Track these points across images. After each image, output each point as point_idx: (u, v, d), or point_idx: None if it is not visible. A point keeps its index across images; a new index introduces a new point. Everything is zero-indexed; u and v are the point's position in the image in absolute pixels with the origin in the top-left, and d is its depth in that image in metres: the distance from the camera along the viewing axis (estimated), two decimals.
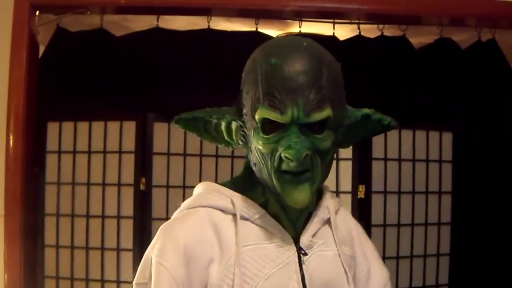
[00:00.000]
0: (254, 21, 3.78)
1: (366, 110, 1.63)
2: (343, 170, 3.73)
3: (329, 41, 3.82)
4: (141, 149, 3.75)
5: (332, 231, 1.67)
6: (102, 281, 3.71)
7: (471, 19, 3.62)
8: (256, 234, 1.59)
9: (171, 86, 3.79)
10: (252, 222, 1.60)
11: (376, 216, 3.75)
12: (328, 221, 1.69)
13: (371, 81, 3.78)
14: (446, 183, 3.95)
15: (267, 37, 3.77)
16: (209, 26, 3.76)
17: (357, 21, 3.86)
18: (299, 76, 1.47)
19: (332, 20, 3.85)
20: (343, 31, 3.98)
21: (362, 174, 3.74)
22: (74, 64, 3.75)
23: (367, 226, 3.57)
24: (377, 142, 3.74)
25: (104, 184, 3.76)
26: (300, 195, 1.51)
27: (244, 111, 1.57)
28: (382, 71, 3.86)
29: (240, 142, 1.63)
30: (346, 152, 3.69)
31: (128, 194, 3.73)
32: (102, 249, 3.72)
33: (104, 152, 3.77)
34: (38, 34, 3.30)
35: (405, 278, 3.82)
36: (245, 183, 1.66)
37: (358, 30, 3.92)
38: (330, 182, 3.63)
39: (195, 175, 3.81)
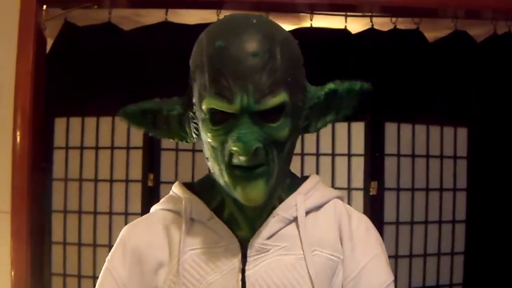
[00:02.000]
0: (265, 14, 3.78)
1: (330, 86, 1.51)
2: (354, 167, 3.75)
3: (341, 35, 3.85)
4: (149, 145, 3.79)
5: (299, 232, 1.52)
6: None
7: (487, 12, 3.62)
8: (205, 238, 1.52)
9: (180, 80, 3.81)
10: (203, 224, 1.53)
11: (389, 213, 3.77)
12: (295, 221, 1.54)
13: (383, 75, 3.79)
14: (461, 179, 3.96)
15: None
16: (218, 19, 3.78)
17: (370, 14, 3.87)
18: (248, 59, 1.36)
19: (344, 13, 3.85)
20: (355, 24, 3.98)
21: (374, 170, 3.76)
22: (82, 59, 3.78)
23: (379, 224, 3.59)
24: (390, 137, 3.76)
25: (111, 181, 3.81)
26: (253, 192, 1.41)
27: (194, 100, 1.47)
28: (395, 65, 3.86)
29: (194, 135, 1.53)
30: (358, 148, 3.72)
31: (136, 191, 3.78)
32: (110, 246, 3.73)
33: (112, 148, 3.82)
34: (45, 29, 3.34)
35: (418, 277, 3.84)
36: (205, 182, 1.60)
37: (371, 23, 3.92)
38: (341, 178, 3.69)
39: (204, 171, 3.81)
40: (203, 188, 1.59)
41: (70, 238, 3.80)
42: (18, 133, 3.25)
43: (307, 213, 1.55)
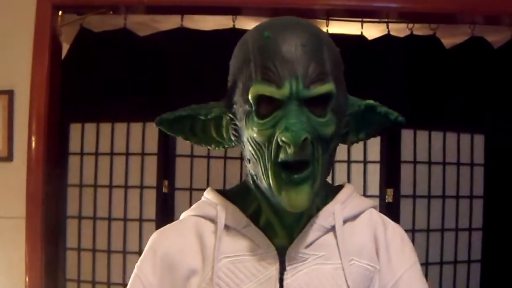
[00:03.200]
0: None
1: (370, 101, 1.49)
2: (370, 173, 3.76)
3: (357, 41, 3.86)
4: (164, 151, 3.82)
5: (337, 241, 1.50)
6: (124, 285, 3.76)
7: (504, 17, 3.64)
8: (240, 245, 1.49)
9: (195, 86, 3.83)
10: (238, 231, 1.50)
11: (405, 221, 3.76)
12: (333, 230, 1.51)
13: (400, 81, 3.80)
14: (478, 187, 3.96)
15: None
16: (234, 25, 3.80)
17: (386, 20, 3.89)
18: (297, 48, 1.35)
19: (360, 19, 3.87)
20: (372, 31, 4.00)
21: (390, 177, 3.77)
22: (97, 65, 3.82)
23: None
24: (406, 144, 3.78)
25: (126, 187, 3.84)
26: (298, 198, 1.37)
27: (235, 98, 1.44)
28: (411, 71, 3.87)
29: (233, 138, 1.50)
30: (374, 155, 3.73)
31: (150, 197, 3.80)
32: (124, 252, 3.79)
33: (127, 154, 3.85)
34: (61, 35, 3.38)
35: (435, 285, 3.83)
36: (240, 189, 1.57)
37: (387, 29, 3.93)
38: (357, 185, 3.69)
39: (219, 177, 3.85)
40: (238, 195, 1.56)
41: (85, 244, 3.83)
42: (33, 139, 3.29)
43: (344, 222, 1.53)
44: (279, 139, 1.34)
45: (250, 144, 1.41)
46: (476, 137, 3.96)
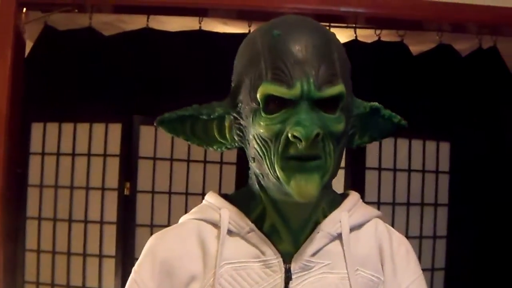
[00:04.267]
0: (247, 23, 3.80)
1: (375, 103, 1.51)
2: (335, 179, 3.75)
3: None
4: (126, 153, 3.82)
5: (343, 250, 1.47)
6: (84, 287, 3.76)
7: (472, 26, 3.67)
8: (244, 251, 1.45)
9: (159, 88, 3.84)
10: (242, 237, 1.46)
11: None
12: (339, 237, 1.48)
13: (366, 87, 3.81)
14: (443, 195, 4.01)
15: None
16: (200, 27, 3.81)
17: (354, 25, 3.93)
18: (308, 48, 1.34)
19: (327, 24, 3.88)
20: (339, 36, 3.96)
21: (354, 184, 3.78)
22: (61, 64, 3.82)
23: None
24: (371, 150, 3.81)
25: (87, 188, 3.84)
26: (308, 186, 1.33)
27: (240, 97, 1.42)
28: (378, 77, 3.91)
29: (236, 137, 1.47)
30: None
31: (112, 199, 3.80)
32: (84, 255, 3.79)
33: (89, 155, 3.85)
34: (24, 32, 3.36)
35: None
36: (244, 193, 1.53)
37: (355, 35, 3.97)
38: None
39: (182, 181, 3.86)
40: (241, 199, 1.52)
41: (44, 246, 3.82)
42: None
43: (350, 230, 1.50)
44: (289, 134, 1.31)
45: (256, 141, 1.38)
46: (442, 145, 4.01)
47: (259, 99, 1.35)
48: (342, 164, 3.66)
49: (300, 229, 1.45)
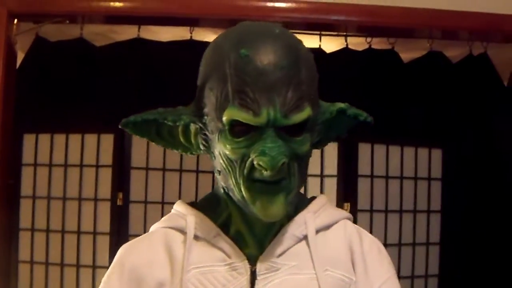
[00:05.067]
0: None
1: (341, 105, 1.50)
2: (327, 188, 3.79)
3: (315, 54, 3.85)
4: (119, 163, 3.82)
5: (310, 251, 1.48)
6: None
7: (463, 32, 3.70)
8: (210, 255, 1.47)
9: (151, 98, 3.84)
10: (208, 242, 1.48)
11: None
12: (305, 239, 1.50)
13: (358, 95, 3.83)
14: (435, 201, 4.02)
15: None
16: (191, 37, 3.82)
17: (345, 34, 3.95)
18: (275, 72, 1.33)
19: (318, 32, 3.91)
20: (330, 44, 4.05)
21: (347, 192, 3.81)
22: (53, 75, 3.83)
23: None
24: (363, 158, 3.82)
25: (80, 199, 3.83)
26: (274, 207, 1.37)
27: (206, 110, 1.42)
28: (369, 85, 3.92)
29: (202, 147, 1.48)
30: (331, 169, 3.76)
31: (104, 210, 3.80)
32: (78, 266, 3.78)
33: (81, 165, 3.85)
34: (16, 43, 3.37)
35: None
36: (210, 199, 1.56)
37: (345, 43, 3.99)
38: None
39: (174, 191, 3.86)
40: (207, 205, 1.55)
41: (37, 257, 3.81)
42: None
43: (317, 232, 1.51)
44: (255, 163, 1.34)
45: (222, 158, 1.40)
46: (434, 152, 4.02)
47: (224, 121, 1.36)
48: (334, 172, 3.71)
49: (265, 233, 1.47)
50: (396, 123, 3.93)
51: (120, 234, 3.77)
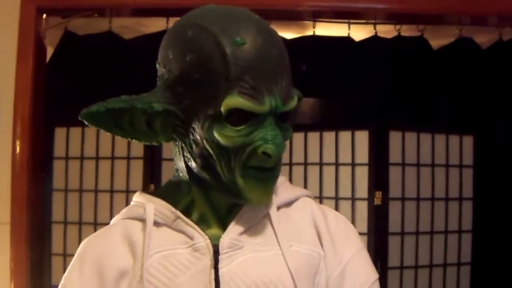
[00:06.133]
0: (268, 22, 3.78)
1: (297, 91, 1.49)
2: (359, 176, 3.77)
3: (344, 42, 3.90)
4: (150, 155, 3.83)
5: (273, 227, 1.48)
6: None
7: (492, 18, 3.66)
8: (172, 239, 1.45)
9: None
10: (169, 227, 1.46)
11: (394, 224, 3.78)
12: (267, 216, 1.49)
13: (388, 83, 3.82)
14: (467, 189, 3.99)
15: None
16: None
17: (373, 21, 3.92)
18: (271, 59, 1.34)
19: (347, 21, 3.90)
20: (359, 32, 4.03)
21: (378, 180, 3.78)
22: (82, 68, 3.84)
23: (384, 235, 3.62)
24: (394, 146, 3.79)
25: (112, 191, 3.85)
26: (265, 193, 1.41)
27: (187, 100, 1.38)
28: (399, 73, 3.90)
29: (173, 134, 1.45)
30: (362, 157, 3.74)
31: None
32: None
33: (112, 158, 3.86)
34: (45, 38, 3.39)
35: None
36: (169, 187, 1.56)
37: (374, 31, 3.97)
38: (345, 188, 3.71)
39: None
40: (166, 193, 1.53)
41: (70, 250, 3.83)
42: (17, 143, 3.29)
43: (278, 209, 1.51)
44: (259, 151, 1.35)
45: (211, 145, 1.37)
46: (465, 139, 3.98)
47: (222, 110, 1.34)
48: (365, 160, 3.70)
49: (227, 214, 1.48)
50: (426, 110, 3.91)
51: None
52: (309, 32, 3.98)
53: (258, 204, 1.44)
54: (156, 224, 1.47)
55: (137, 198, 1.56)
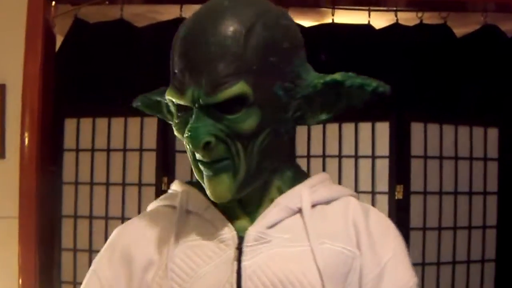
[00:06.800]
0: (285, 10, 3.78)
1: (335, 76, 1.45)
2: (379, 169, 3.74)
3: (364, 30, 3.86)
4: (163, 147, 3.80)
5: (305, 223, 1.47)
6: None
7: None
8: (200, 229, 1.48)
9: None
10: (200, 216, 1.50)
11: (415, 218, 3.75)
12: (300, 212, 1.49)
13: (409, 72, 3.79)
14: (492, 183, 3.93)
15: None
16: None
17: (394, 9, 3.88)
18: (203, 47, 1.35)
19: (367, 8, 3.86)
20: (379, 20, 3.99)
21: (400, 173, 3.73)
22: (93, 57, 3.81)
23: (405, 229, 3.58)
24: (416, 138, 3.75)
25: (124, 184, 3.82)
26: (218, 188, 1.41)
27: None
28: (421, 62, 3.86)
29: None
30: (382, 150, 3.70)
31: (149, 195, 3.78)
32: None
33: (124, 150, 3.83)
34: (54, 26, 3.38)
35: (446, 286, 3.82)
36: None
37: (396, 18, 3.93)
38: (365, 182, 3.68)
39: None
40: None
41: (81, 245, 3.82)
42: (26, 135, 3.28)
43: (314, 206, 1.50)
44: (185, 143, 1.40)
45: None
46: (490, 131, 3.93)
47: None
48: (386, 153, 3.66)
49: (256, 207, 1.49)
50: (449, 101, 3.87)
51: None
52: (328, 20, 3.95)
53: (217, 200, 1.44)
54: (188, 212, 1.52)
55: (174, 186, 1.61)
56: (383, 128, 3.71)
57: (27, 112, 3.27)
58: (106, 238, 3.76)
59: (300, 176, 1.56)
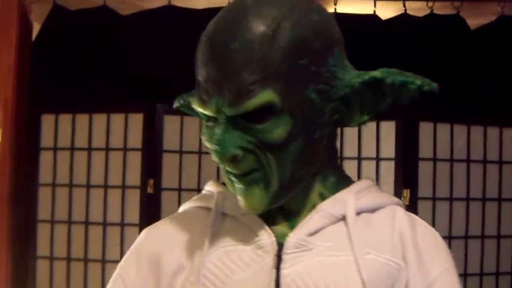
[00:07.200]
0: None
1: (374, 73, 1.44)
2: (384, 172, 3.75)
3: (370, 21, 3.87)
4: (149, 146, 3.81)
5: (349, 232, 1.46)
6: None
7: None
8: (236, 234, 1.48)
9: (184, 73, 3.81)
10: (236, 219, 1.50)
11: None
12: (344, 219, 1.48)
13: (418, 67, 3.78)
14: (508, 188, 3.94)
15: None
16: (229, 3, 3.80)
17: None
18: (226, 54, 1.33)
19: None
20: (386, 10, 4.00)
21: (406, 177, 3.75)
22: (73, 48, 3.81)
23: None
24: (425, 139, 3.76)
25: (106, 186, 3.83)
26: (250, 200, 1.42)
27: None
28: (431, 56, 3.87)
29: None
30: (388, 151, 3.71)
31: (133, 198, 3.79)
32: (103, 261, 3.78)
33: (107, 149, 3.84)
34: (31, 12, 3.36)
35: None
36: None
37: (404, 8, 3.94)
38: None
39: (211, 175, 3.82)
40: None
41: (58, 252, 3.82)
42: None
43: (359, 213, 1.49)
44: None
45: None
46: (506, 131, 3.94)
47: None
48: (392, 154, 3.67)
49: (297, 213, 1.49)
50: (462, 98, 3.87)
51: (150, 225, 3.76)
52: (330, 9, 3.95)
53: (251, 211, 1.45)
54: (224, 215, 1.52)
55: (209, 187, 1.60)
56: (388, 128, 3.72)
57: (0, 107, 3.26)
58: (86, 245, 3.79)
59: (344, 181, 1.55)
